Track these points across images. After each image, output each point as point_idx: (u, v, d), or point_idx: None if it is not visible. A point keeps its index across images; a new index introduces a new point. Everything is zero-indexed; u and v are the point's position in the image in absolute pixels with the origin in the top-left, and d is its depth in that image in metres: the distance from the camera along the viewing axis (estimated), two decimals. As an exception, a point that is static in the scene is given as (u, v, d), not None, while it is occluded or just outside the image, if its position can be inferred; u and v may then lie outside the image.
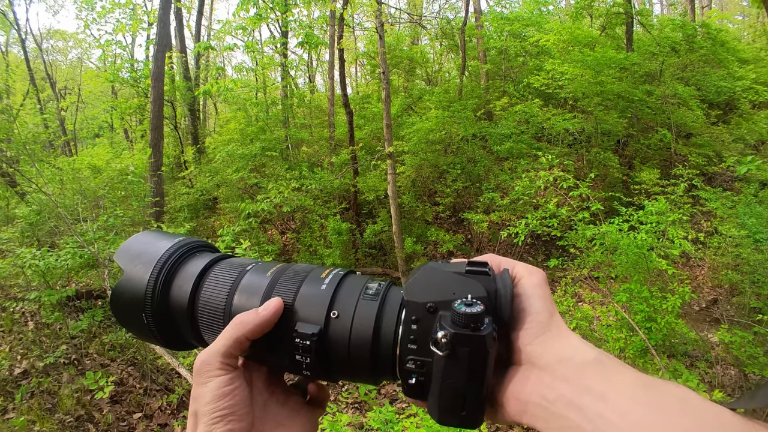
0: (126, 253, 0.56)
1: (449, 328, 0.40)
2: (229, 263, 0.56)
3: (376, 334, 0.46)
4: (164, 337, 0.55)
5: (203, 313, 0.53)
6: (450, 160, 10.07)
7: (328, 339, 0.47)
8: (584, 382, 0.37)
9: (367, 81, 19.12)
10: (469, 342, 0.40)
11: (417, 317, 0.44)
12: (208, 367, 0.46)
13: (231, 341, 0.47)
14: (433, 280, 0.45)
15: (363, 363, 0.47)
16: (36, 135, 8.56)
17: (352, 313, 0.47)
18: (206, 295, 0.53)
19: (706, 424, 0.31)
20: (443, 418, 0.43)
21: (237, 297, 0.52)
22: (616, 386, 0.35)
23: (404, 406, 4.35)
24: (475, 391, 0.41)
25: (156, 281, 0.53)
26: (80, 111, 19.52)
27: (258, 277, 0.53)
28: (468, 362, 0.40)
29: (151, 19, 14.41)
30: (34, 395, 4.43)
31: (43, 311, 5.51)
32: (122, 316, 0.56)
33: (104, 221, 5.71)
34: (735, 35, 17.63)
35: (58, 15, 51.54)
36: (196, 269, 0.54)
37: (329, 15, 11.44)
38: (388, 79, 7.29)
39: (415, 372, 0.44)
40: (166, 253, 0.55)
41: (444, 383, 0.42)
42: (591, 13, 13.46)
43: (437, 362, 0.42)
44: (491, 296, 0.43)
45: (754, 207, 6.14)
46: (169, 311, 0.54)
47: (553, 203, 5.13)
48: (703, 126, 10.30)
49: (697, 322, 6.13)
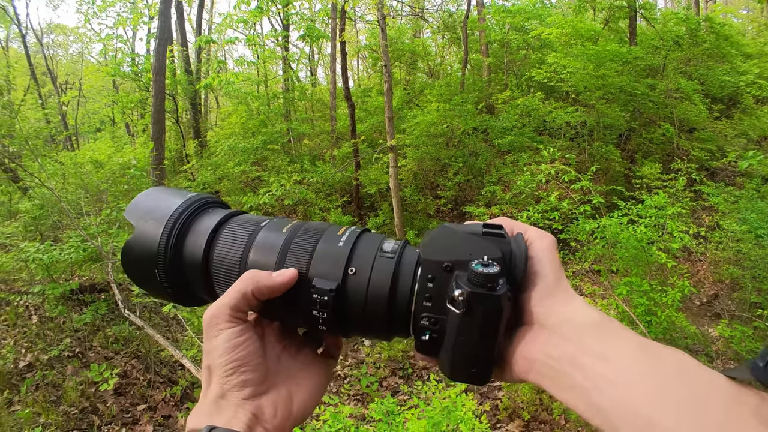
0: (137, 209, 0.56)
1: (466, 287, 0.41)
2: (243, 219, 0.56)
3: (392, 291, 0.47)
4: (176, 292, 0.56)
5: (217, 269, 0.53)
6: (452, 153, 10.06)
7: (346, 295, 0.48)
8: (586, 342, 0.38)
9: (369, 74, 19.09)
10: (485, 301, 0.41)
11: (433, 275, 0.45)
12: (217, 320, 0.47)
13: (240, 294, 0.47)
14: (449, 240, 0.46)
15: (378, 319, 0.48)
16: (38, 130, 8.57)
17: (369, 270, 0.48)
18: (220, 251, 0.53)
19: (699, 386, 0.33)
20: (454, 374, 0.45)
21: (252, 253, 0.52)
22: (616, 348, 0.37)
23: (405, 398, 4.38)
24: (487, 348, 0.43)
25: (169, 238, 0.53)
26: (81, 105, 19.54)
27: (273, 233, 0.53)
28: (483, 320, 0.42)
29: (152, 12, 14.35)
30: (39, 388, 4.47)
31: (46, 305, 5.54)
32: (134, 272, 0.56)
33: (107, 215, 5.73)
34: (739, 29, 17.51)
35: (58, 9, 51.41)
36: (210, 225, 0.54)
37: (331, 8, 11.41)
38: (390, 72, 7.28)
39: (428, 329, 0.45)
40: (179, 209, 0.55)
41: (458, 340, 0.43)
42: (594, 7, 13.39)
43: (452, 319, 0.43)
44: (506, 258, 0.44)
45: (755, 202, 6.14)
46: (182, 267, 0.54)
47: (555, 196, 5.13)
48: (706, 121, 10.26)
49: (698, 317, 6.14)
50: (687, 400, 0.32)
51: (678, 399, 0.33)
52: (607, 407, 0.35)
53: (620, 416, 0.34)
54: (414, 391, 4.19)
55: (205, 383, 0.48)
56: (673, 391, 0.33)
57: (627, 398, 0.34)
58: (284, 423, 0.47)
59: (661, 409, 0.32)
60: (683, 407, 0.32)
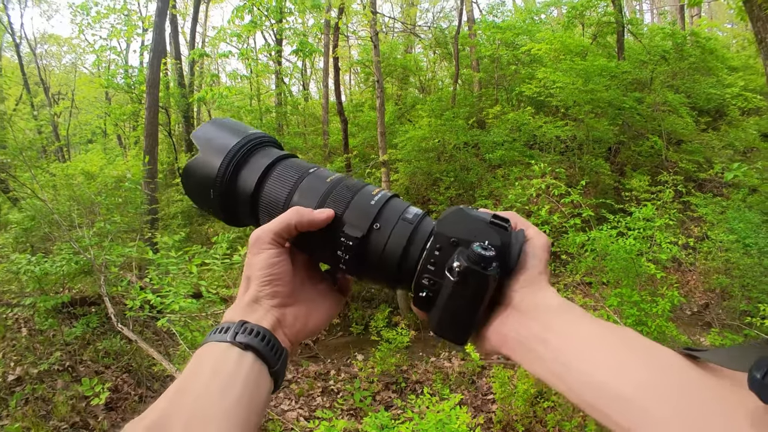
0: (204, 135, 0.64)
1: (464, 261, 0.49)
2: (293, 163, 0.64)
3: (405, 250, 0.55)
4: (225, 213, 0.65)
5: (264, 202, 0.62)
6: (443, 167, 10.14)
7: (367, 244, 0.56)
8: (550, 322, 0.47)
9: (361, 89, 19.20)
10: (476, 276, 0.48)
11: (441, 246, 0.53)
12: (261, 242, 0.56)
13: (284, 224, 0.56)
14: (461, 220, 0.54)
15: (389, 270, 0.56)
16: (32, 141, 8.53)
17: (390, 229, 0.56)
18: (270, 188, 0.62)
19: (638, 350, 0.41)
20: (438, 329, 0.54)
21: (297, 195, 0.60)
22: (574, 326, 0.45)
23: (399, 412, 4.37)
24: (469, 314, 0.51)
25: (227, 167, 0.61)
26: (73, 116, 19.44)
27: (318, 181, 0.61)
28: (471, 292, 0.49)
29: (146, 24, 14.40)
30: (29, 402, 4.41)
31: (36, 317, 5.47)
32: (191, 190, 0.65)
33: (100, 227, 5.70)
34: (724, 43, 17.87)
35: (52, 20, 51.32)
36: (264, 163, 0.63)
37: (324, 23, 11.52)
38: (382, 87, 7.37)
39: (427, 287, 0.53)
40: (239, 144, 0.63)
41: (448, 302, 0.51)
42: (582, 23, 13.63)
43: (447, 285, 0.51)
44: (504, 247, 0.51)
45: (743, 212, 6.22)
46: (234, 194, 0.63)
47: (545, 210, 5.18)
48: (694, 133, 10.43)
49: (690, 326, 6.20)
50: (637, 366, 0.39)
51: (630, 366, 0.39)
52: (564, 373, 0.43)
53: (576, 380, 0.42)
54: (408, 404, 4.20)
55: (242, 289, 0.58)
56: (627, 361, 0.40)
57: (581, 365, 0.42)
58: (299, 333, 0.59)
59: (613, 374, 0.39)
60: (633, 371, 0.39)
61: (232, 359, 0.50)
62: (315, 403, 5.18)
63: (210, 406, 0.45)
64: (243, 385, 0.48)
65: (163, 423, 0.44)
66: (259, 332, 0.53)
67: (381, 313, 7.19)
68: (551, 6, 15.72)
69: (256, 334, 0.52)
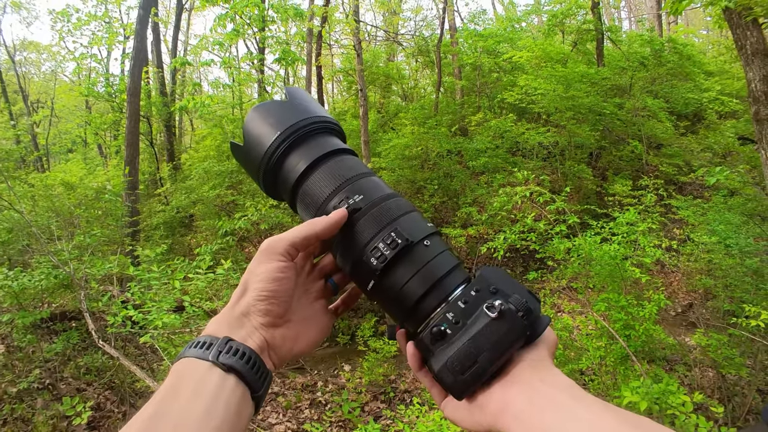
0: (264, 110, 0.63)
1: (507, 303, 0.48)
2: (345, 162, 0.62)
3: (435, 282, 0.54)
4: (266, 186, 0.65)
5: (303, 194, 0.61)
6: (427, 175, 10.18)
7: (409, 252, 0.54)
8: (558, 398, 0.44)
9: (344, 97, 19.22)
10: (514, 321, 0.48)
11: (479, 289, 0.52)
12: (272, 251, 0.54)
13: (302, 237, 0.55)
14: (505, 277, 0.53)
15: (408, 298, 0.54)
16: (10, 151, 8.34)
17: (433, 255, 0.55)
18: (313, 181, 0.60)
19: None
20: (443, 370, 0.49)
21: (336, 199, 0.58)
22: (582, 405, 0.43)
23: (389, 423, 4.33)
24: (490, 359, 0.48)
25: (278, 146, 0.61)
26: (53, 125, 19.10)
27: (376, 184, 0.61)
28: (503, 333, 0.48)
29: (127, 32, 14.25)
30: (7, 423, 4.28)
31: (15, 334, 5.32)
32: (241, 157, 0.65)
33: (80, 240, 5.58)
34: (700, 49, 18.26)
35: (32, 26, 50.63)
36: (315, 154, 0.61)
37: (306, 32, 11.51)
38: (365, 96, 7.37)
39: (447, 322, 0.51)
40: (295, 126, 0.61)
41: (475, 336, 0.48)
42: (563, 30, 13.83)
43: (480, 319, 0.49)
44: (535, 317, 0.50)
45: (723, 214, 6.31)
46: (277, 173, 0.62)
47: (531, 217, 5.21)
48: (673, 137, 10.61)
49: (675, 327, 6.27)
50: None
51: None
52: None
53: None
54: (397, 415, 4.16)
55: (236, 296, 0.55)
56: None
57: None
58: (285, 356, 0.56)
59: None
60: None
61: (213, 382, 0.47)
62: (303, 416, 5.11)
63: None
64: (224, 411, 0.46)
65: None
66: (244, 353, 0.50)
67: (367, 322, 7.15)
68: (532, 14, 15.94)
69: (241, 356, 0.49)
